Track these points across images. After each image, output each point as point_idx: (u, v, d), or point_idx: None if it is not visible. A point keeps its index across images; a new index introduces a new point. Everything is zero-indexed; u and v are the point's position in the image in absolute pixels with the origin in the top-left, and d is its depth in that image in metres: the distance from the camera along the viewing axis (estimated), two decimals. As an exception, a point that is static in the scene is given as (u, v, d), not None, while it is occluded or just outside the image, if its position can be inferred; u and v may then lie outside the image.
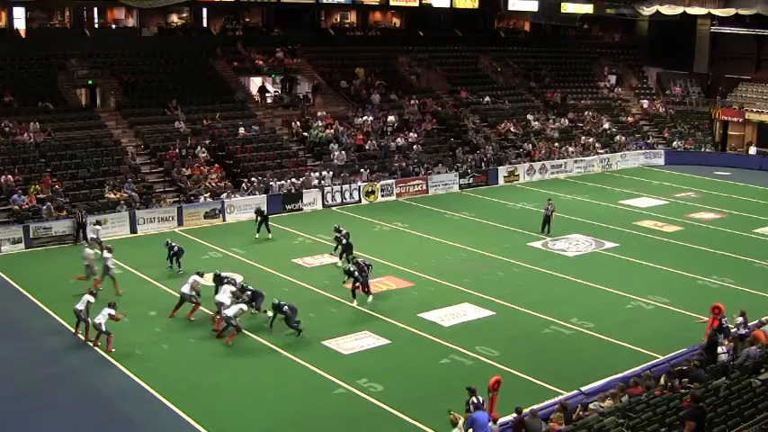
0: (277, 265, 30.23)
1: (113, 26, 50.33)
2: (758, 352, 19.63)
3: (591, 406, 17.83)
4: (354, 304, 26.37)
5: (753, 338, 20.84)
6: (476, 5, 58.15)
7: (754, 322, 22.69)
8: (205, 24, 52.91)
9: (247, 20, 54.65)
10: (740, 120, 56.96)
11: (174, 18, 52.52)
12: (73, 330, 23.71)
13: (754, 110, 56.58)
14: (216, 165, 40.61)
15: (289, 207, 38.87)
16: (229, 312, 23.35)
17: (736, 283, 29.17)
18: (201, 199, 37.57)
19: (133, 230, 34.89)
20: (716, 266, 31.35)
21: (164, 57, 47.62)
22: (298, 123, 45.83)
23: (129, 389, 20.55)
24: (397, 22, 61.36)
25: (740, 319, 22.28)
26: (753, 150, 55.46)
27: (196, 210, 36.75)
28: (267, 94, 49.48)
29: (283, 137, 45.40)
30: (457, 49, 59.44)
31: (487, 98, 54.64)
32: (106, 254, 27.50)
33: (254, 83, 50.17)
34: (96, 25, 49.44)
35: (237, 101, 46.55)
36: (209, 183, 38.86)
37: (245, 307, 24.10)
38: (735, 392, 17.25)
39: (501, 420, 17.24)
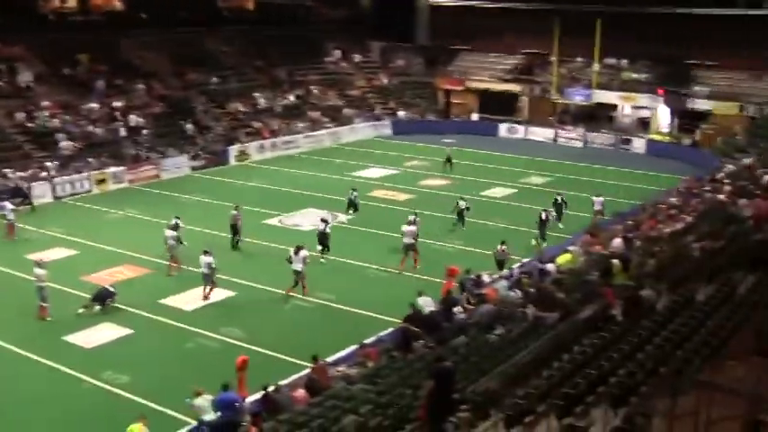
0: (11, 263, 29.57)
1: None
2: (491, 309, 21.15)
3: (337, 371, 19.09)
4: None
5: (485, 297, 22.42)
6: (197, -14, 58.60)
7: (487, 279, 24.63)
8: None
9: (-43, 6, 52.09)
10: (462, 88, 61.59)
11: None
12: None
13: (475, 78, 61.38)
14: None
15: (17, 201, 38.12)
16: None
17: (465, 245, 31.74)
18: None
19: None
20: (447, 231, 33.71)
21: None
22: (22, 114, 44.76)
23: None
24: (117, 4, 60.54)
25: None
26: (475, 117, 60.51)
27: None
28: (-15, 85, 47.66)
29: (6, 129, 44.21)
30: (182, 30, 59.52)
31: (215, 79, 55.66)
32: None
33: (-31, 73, 48.09)
34: None
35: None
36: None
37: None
38: (474, 349, 18.60)
39: (250, 399, 18.30)
